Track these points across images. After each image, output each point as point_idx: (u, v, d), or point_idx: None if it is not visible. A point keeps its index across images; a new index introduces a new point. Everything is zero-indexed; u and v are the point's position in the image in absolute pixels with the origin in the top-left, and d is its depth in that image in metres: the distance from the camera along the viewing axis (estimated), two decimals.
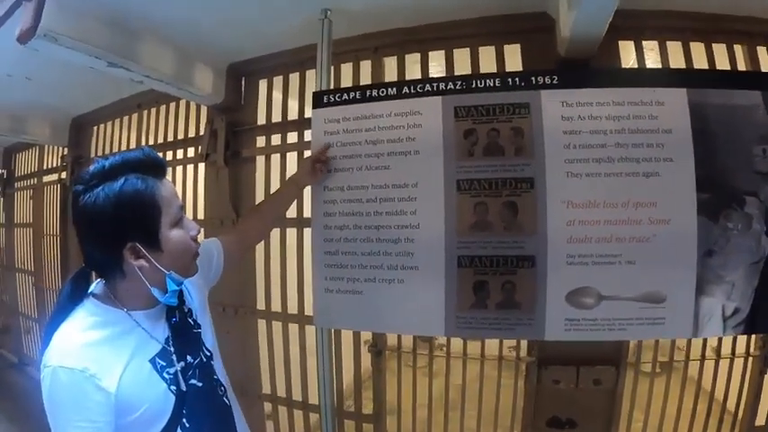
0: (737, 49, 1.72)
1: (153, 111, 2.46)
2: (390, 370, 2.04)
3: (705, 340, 1.85)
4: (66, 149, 3.16)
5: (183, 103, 2.32)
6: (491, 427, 1.97)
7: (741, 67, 1.72)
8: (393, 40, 1.87)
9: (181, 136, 2.34)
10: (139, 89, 2.34)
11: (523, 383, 1.85)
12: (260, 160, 2.10)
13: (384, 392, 2.01)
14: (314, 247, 1.62)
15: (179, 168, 2.40)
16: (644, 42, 1.75)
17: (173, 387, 0.92)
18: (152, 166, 0.90)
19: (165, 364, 0.93)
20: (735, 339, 1.82)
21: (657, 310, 1.42)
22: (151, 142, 2.50)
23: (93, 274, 0.95)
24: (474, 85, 1.49)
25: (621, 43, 1.74)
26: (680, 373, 1.88)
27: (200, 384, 0.99)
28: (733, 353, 1.84)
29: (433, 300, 1.49)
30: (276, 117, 2.06)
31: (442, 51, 1.83)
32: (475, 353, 1.94)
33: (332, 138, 1.59)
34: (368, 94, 1.57)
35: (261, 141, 2.09)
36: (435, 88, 1.52)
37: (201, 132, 2.22)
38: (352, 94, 1.59)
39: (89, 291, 0.93)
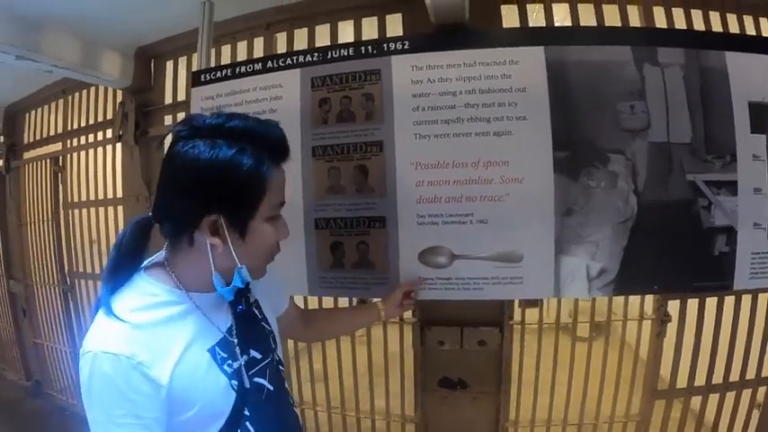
0: (631, 9, 1.80)
1: (77, 95, 2.74)
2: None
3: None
4: (1, 138, 3.37)
5: (101, 88, 2.58)
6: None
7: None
8: (284, 17, 2.04)
9: (101, 118, 2.60)
10: (62, 75, 2.60)
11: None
12: (168, 139, 2.30)
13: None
14: None
15: (99, 150, 2.66)
16: (528, 6, 1.86)
17: (233, 382, 0.84)
18: (275, 148, 0.84)
19: (226, 355, 0.85)
20: (626, 300, 1.92)
21: (515, 269, 1.53)
22: (76, 126, 2.79)
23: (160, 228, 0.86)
24: (330, 56, 1.66)
25: (505, 7, 1.85)
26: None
27: (270, 387, 0.93)
28: (625, 316, 1.95)
29: (296, 261, 1.68)
30: (181, 96, 2.28)
31: (328, 25, 1.99)
32: None
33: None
34: (238, 70, 1.77)
35: (169, 120, 2.31)
36: (295, 61, 1.69)
37: None
38: (225, 72, 1.79)
39: (144, 262, 0.87)
